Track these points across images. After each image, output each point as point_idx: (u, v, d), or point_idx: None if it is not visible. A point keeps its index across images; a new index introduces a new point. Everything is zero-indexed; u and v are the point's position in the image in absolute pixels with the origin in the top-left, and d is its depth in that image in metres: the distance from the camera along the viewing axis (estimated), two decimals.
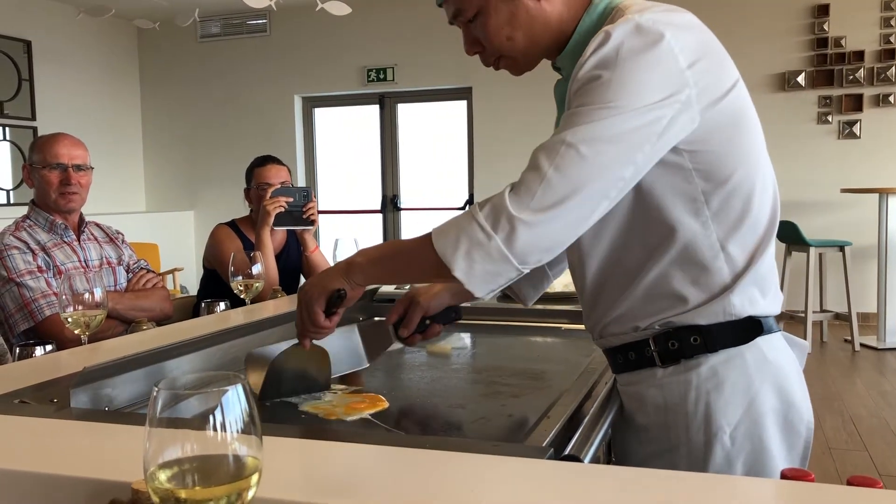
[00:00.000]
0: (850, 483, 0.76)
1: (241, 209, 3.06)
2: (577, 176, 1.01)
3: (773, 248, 1.18)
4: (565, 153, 1.02)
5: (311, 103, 7.51)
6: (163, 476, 0.66)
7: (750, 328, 1.15)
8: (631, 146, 1.02)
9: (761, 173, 1.15)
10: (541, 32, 1.18)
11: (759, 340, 1.16)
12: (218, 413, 0.67)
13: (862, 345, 5.55)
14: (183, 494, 0.65)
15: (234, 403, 0.67)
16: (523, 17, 1.17)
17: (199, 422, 0.66)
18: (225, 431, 0.66)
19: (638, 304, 1.16)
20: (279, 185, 2.84)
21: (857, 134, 6.17)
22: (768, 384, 1.16)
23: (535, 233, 1.01)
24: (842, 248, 5.62)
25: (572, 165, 1.01)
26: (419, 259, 1.09)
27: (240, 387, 0.68)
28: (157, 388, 0.67)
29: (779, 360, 1.18)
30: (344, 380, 1.48)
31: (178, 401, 0.68)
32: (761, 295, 1.15)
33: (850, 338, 5.57)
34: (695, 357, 1.14)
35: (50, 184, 2.37)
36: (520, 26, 1.18)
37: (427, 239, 1.07)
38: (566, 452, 0.95)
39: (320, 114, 7.56)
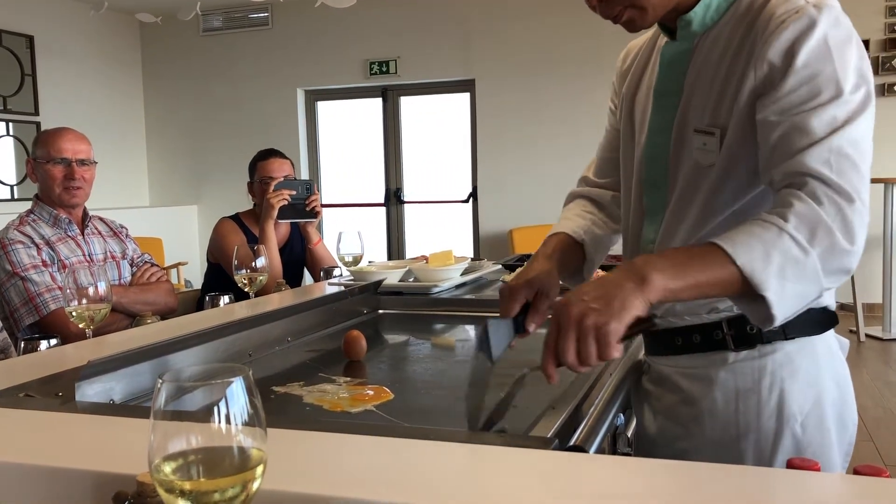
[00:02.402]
0: (856, 472, 0.76)
1: (245, 203, 3.06)
2: (859, 181, 0.99)
3: None
4: (840, 160, 0.99)
5: (313, 96, 7.50)
6: (168, 468, 0.66)
7: (825, 318, 1.16)
8: (869, 132, 1.04)
9: None
10: None
11: (827, 333, 1.18)
12: (222, 405, 0.66)
13: (867, 335, 5.53)
14: (188, 486, 0.65)
15: (239, 395, 0.67)
16: None
17: (204, 414, 0.66)
18: (229, 423, 0.66)
19: None
20: (282, 179, 2.83)
21: None
22: (831, 377, 1.17)
23: (849, 256, 0.96)
24: None
25: (851, 171, 0.99)
26: (716, 278, 0.95)
27: (243, 379, 0.68)
28: (161, 381, 0.67)
29: (839, 354, 1.20)
30: (348, 372, 1.48)
31: (182, 393, 0.68)
32: None
33: (855, 328, 5.55)
34: (772, 342, 1.14)
35: (54, 178, 2.37)
36: None
37: (715, 252, 0.95)
38: (571, 443, 0.95)
39: (323, 107, 7.54)
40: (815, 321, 1.15)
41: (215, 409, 0.66)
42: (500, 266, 2.70)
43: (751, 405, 1.15)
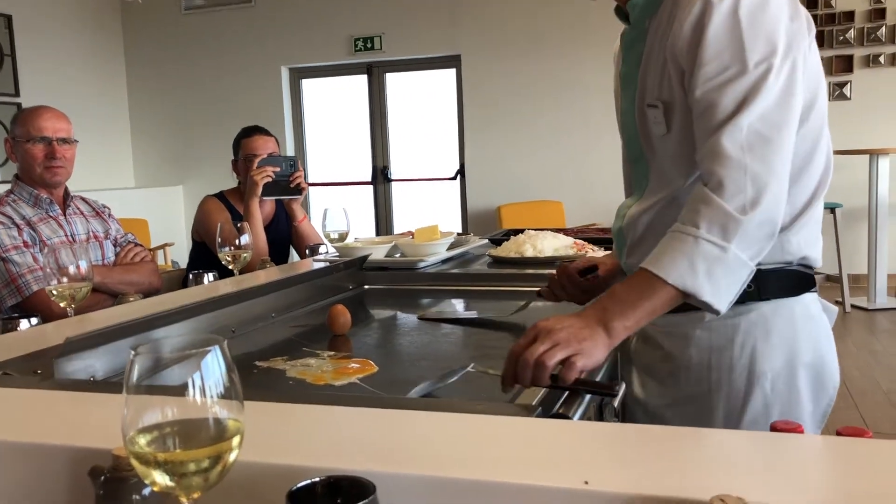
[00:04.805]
0: (839, 434, 0.76)
1: (231, 183, 3.03)
2: (771, 154, 1.04)
3: (823, 198, 1.21)
4: (750, 137, 1.04)
5: (298, 74, 7.42)
6: (142, 440, 0.65)
7: (801, 282, 1.21)
8: (790, 102, 1.07)
9: (824, 117, 1.20)
10: None
11: (806, 296, 1.22)
12: (197, 376, 0.65)
13: (853, 306, 5.57)
14: (162, 457, 0.64)
15: (214, 366, 0.66)
16: None
17: (179, 385, 0.65)
18: (204, 394, 0.65)
19: None
20: (266, 156, 2.81)
21: (848, 95, 6.14)
22: (807, 340, 1.21)
23: (762, 226, 1.03)
24: (833, 210, 5.62)
25: (762, 146, 1.04)
26: (660, 301, 1.05)
27: (218, 350, 0.67)
28: (134, 353, 0.66)
29: (818, 318, 1.24)
30: (333, 346, 1.47)
31: (156, 364, 0.66)
32: (814, 239, 1.19)
33: (841, 299, 5.59)
34: (746, 303, 1.18)
35: (34, 158, 2.33)
36: None
37: (651, 278, 1.04)
38: (554, 411, 0.94)
39: (308, 85, 7.47)
40: (790, 284, 1.19)
41: (190, 380, 0.65)
42: (486, 241, 2.69)
43: (723, 362, 1.21)
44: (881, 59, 6.07)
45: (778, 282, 1.18)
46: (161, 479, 0.64)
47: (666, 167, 1.23)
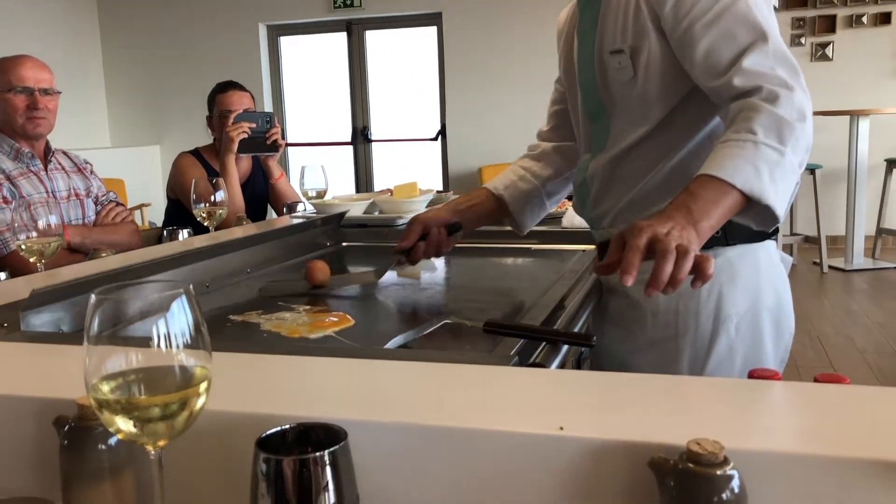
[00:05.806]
0: (816, 380, 0.75)
1: (207, 141, 2.97)
2: (790, 68, 1.09)
3: None
4: (778, 56, 1.09)
5: (276, 32, 7.29)
6: (105, 388, 0.63)
7: None
8: (771, 9, 1.15)
9: None
10: None
11: (768, 243, 1.26)
12: (162, 323, 0.63)
13: (830, 267, 5.62)
14: (125, 403, 0.62)
15: (180, 312, 0.64)
16: None
17: (144, 331, 0.63)
18: (170, 341, 0.63)
19: (658, 189, 1.22)
20: (242, 112, 2.76)
21: (830, 56, 6.13)
22: (769, 284, 1.27)
23: (807, 136, 1.06)
24: (812, 172, 5.64)
25: (791, 64, 1.09)
26: (729, 202, 1.02)
27: (184, 296, 0.64)
28: (94, 297, 0.64)
29: (777, 265, 1.29)
30: (309, 301, 1.45)
31: (119, 311, 0.64)
32: None
33: (819, 260, 5.64)
34: (713, 248, 1.20)
35: (16, 108, 2.27)
36: None
37: (719, 183, 1.01)
38: (531, 361, 0.93)
39: (286, 42, 7.34)
40: (755, 230, 1.20)
41: (155, 326, 0.63)
42: None
43: (690, 306, 1.24)
44: (864, 19, 6.05)
45: (741, 229, 1.19)
46: (125, 425, 0.62)
47: (632, 113, 1.25)
